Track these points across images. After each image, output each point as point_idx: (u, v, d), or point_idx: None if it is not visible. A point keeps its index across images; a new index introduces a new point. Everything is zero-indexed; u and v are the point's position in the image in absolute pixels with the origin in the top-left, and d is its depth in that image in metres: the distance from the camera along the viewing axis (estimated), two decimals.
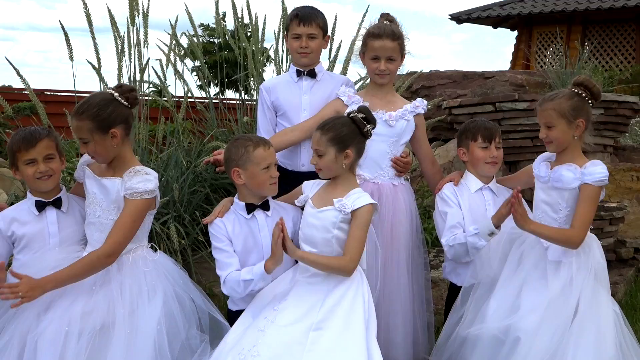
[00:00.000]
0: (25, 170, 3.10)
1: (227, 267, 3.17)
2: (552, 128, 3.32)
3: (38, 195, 3.16)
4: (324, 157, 3.14)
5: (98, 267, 2.96)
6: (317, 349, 2.89)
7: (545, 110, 3.34)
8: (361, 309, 3.03)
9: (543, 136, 3.37)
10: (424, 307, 3.72)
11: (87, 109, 3.02)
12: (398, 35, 3.61)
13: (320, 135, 3.14)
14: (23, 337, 2.85)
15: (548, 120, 3.33)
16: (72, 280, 2.92)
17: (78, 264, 2.94)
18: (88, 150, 3.07)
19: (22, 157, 3.09)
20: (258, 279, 3.07)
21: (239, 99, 5.57)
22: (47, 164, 3.11)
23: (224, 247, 3.21)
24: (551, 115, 3.31)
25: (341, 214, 3.09)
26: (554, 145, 3.36)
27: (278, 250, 2.99)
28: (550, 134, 3.33)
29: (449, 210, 3.63)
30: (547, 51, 16.18)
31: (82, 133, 3.02)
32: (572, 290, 3.22)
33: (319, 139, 3.14)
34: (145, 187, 3.02)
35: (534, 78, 7.45)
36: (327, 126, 3.15)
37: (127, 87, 3.15)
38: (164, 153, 4.62)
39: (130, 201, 3.01)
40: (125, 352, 2.87)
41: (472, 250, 3.47)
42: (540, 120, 3.38)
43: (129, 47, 4.54)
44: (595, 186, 3.26)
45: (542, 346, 3.13)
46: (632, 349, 3.31)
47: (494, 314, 3.28)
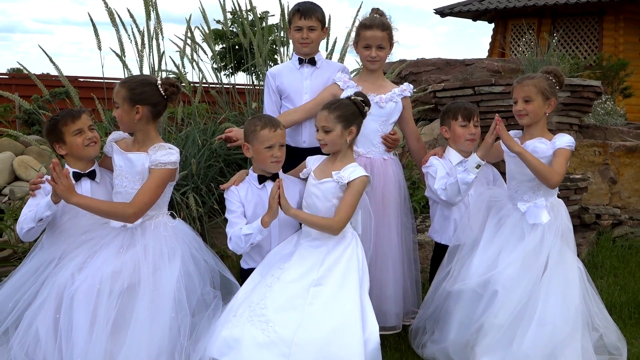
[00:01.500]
0: (74, 140, 3.10)
1: (234, 226, 3.18)
2: (530, 102, 3.36)
3: (76, 167, 3.15)
4: (331, 133, 3.15)
5: (120, 215, 2.96)
6: (317, 302, 2.92)
7: (526, 85, 3.37)
8: (356, 269, 3.05)
9: (520, 109, 3.38)
10: (411, 266, 3.73)
11: (129, 81, 3.08)
12: (387, 26, 3.60)
13: (328, 114, 3.15)
14: (60, 294, 2.84)
15: (528, 95, 3.36)
16: (95, 211, 2.93)
17: (107, 204, 2.99)
18: (116, 113, 3.07)
19: (70, 129, 3.09)
20: (256, 233, 3.08)
21: (248, 84, 5.53)
22: (92, 132, 3.14)
23: (235, 209, 3.22)
24: (531, 90, 3.35)
25: (339, 184, 3.11)
26: (529, 117, 3.38)
27: (274, 204, 3.00)
28: (527, 107, 3.36)
29: (437, 166, 3.63)
30: (520, 41, 16.04)
31: (117, 97, 3.03)
32: (542, 249, 3.26)
33: (327, 117, 3.15)
34: (168, 159, 3.02)
35: (508, 65, 7.43)
36: (334, 106, 3.18)
37: (172, 81, 3.13)
38: (183, 132, 4.61)
39: (154, 170, 3.00)
40: (150, 306, 2.87)
41: (462, 186, 3.43)
42: (518, 94, 3.39)
43: (149, 39, 4.50)
44: (567, 149, 3.33)
45: (516, 297, 3.18)
46: (593, 300, 3.37)
47: (476, 272, 3.31)
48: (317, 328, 2.84)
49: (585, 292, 3.27)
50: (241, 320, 2.90)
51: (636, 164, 6.28)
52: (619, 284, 4.73)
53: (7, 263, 4.13)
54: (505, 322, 3.16)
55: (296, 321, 2.86)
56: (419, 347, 3.49)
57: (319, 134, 3.18)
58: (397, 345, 3.57)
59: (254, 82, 5.49)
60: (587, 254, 5.31)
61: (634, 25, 15.22)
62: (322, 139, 3.18)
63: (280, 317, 2.88)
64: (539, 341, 3.10)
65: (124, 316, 2.83)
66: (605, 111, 8.73)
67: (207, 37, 5.29)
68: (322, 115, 3.17)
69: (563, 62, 7.58)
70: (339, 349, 2.80)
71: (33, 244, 3.23)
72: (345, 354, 2.80)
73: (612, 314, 3.60)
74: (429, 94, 6.27)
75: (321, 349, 2.80)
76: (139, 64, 4.46)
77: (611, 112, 8.75)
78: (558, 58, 7.76)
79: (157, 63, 4.54)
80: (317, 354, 2.79)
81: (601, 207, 5.96)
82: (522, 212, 3.35)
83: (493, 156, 3.70)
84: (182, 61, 4.98)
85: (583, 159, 6.16)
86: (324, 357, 2.79)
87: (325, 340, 2.81)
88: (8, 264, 4.08)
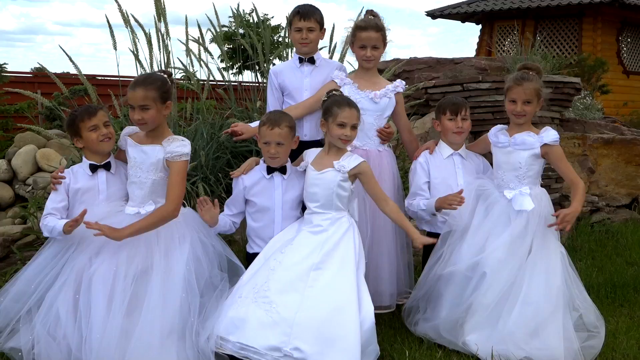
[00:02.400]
0: (89, 135, 3.07)
1: (225, 210, 3.32)
2: (529, 104, 3.35)
3: (92, 159, 3.13)
4: (357, 129, 3.22)
5: (167, 218, 2.96)
6: (317, 285, 2.92)
7: (527, 88, 3.34)
8: (353, 253, 3.05)
9: (520, 110, 3.36)
10: (404, 250, 3.71)
11: (153, 81, 2.99)
12: (381, 27, 3.57)
13: (357, 113, 3.20)
14: (78, 277, 2.82)
15: (529, 97, 3.35)
16: (146, 229, 2.90)
17: (149, 217, 2.94)
18: (145, 115, 2.95)
19: (86, 125, 3.06)
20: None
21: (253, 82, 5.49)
22: (108, 129, 3.10)
23: (234, 195, 3.32)
24: (532, 93, 3.34)
25: (340, 173, 3.12)
26: (526, 117, 3.40)
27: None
28: (526, 108, 3.36)
29: (414, 178, 3.68)
30: (505, 41, 16.08)
31: (146, 100, 2.94)
32: (527, 234, 3.27)
33: (358, 116, 3.21)
34: (183, 150, 3.00)
35: (494, 63, 7.37)
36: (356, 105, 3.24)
37: (167, 71, 3.13)
38: (192, 126, 4.57)
39: (174, 164, 2.98)
40: (161, 288, 2.85)
41: (419, 219, 3.67)
42: (519, 96, 3.35)
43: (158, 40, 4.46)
44: (556, 145, 3.35)
45: (503, 278, 3.18)
46: (574, 282, 3.37)
47: (465, 256, 3.31)
48: (317, 309, 2.84)
49: (566, 274, 3.27)
50: (246, 301, 2.90)
51: (613, 155, 6.27)
52: (596, 266, 4.71)
53: (31, 247, 4.11)
54: (492, 302, 3.17)
55: (297, 303, 2.86)
56: (411, 325, 3.48)
57: (349, 130, 3.15)
58: (392, 323, 3.56)
59: (259, 80, 5.45)
60: (567, 238, 5.29)
61: (610, 26, 15.18)
62: (350, 137, 3.18)
63: (282, 299, 2.87)
64: (523, 319, 3.10)
65: (138, 297, 2.81)
66: (584, 106, 8.68)
67: (217, 38, 5.26)
68: (354, 114, 3.18)
69: (545, 61, 7.53)
70: (337, 328, 2.81)
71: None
72: (343, 333, 2.80)
73: (590, 294, 3.59)
74: (421, 90, 6.22)
75: (320, 328, 2.80)
76: (149, 62, 4.42)
77: (590, 107, 8.71)
78: (540, 57, 7.72)
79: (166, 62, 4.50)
80: (317, 333, 2.79)
81: None
82: (508, 199, 3.35)
83: (481, 148, 3.72)
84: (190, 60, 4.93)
85: (564, 150, 6.05)
86: (323, 336, 2.78)
87: (324, 320, 2.82)
88: (32, 248, 4.06)
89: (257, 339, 2.77)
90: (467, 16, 16.78)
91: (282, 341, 2.76)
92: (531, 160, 3.36)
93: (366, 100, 3.53)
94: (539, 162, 3.40)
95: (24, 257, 3.79)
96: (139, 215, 3.01)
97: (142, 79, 3.03)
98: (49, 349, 2.74)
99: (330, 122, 3.17)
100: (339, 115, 3.14)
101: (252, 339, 2.78)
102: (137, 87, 2.96)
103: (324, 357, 2.74)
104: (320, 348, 2.75)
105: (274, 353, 2.75)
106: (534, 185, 3.38)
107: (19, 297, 2.92)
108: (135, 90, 2.95)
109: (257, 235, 3.31)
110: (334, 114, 3.15)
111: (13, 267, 3.73)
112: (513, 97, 3.36)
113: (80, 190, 3.10)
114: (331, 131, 3.17)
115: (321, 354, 2.74)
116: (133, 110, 2.98)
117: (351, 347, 2.77)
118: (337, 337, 2.78)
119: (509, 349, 3.07)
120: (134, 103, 2.96)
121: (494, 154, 3.52)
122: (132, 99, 2.96)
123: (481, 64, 7.25)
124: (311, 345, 2.75)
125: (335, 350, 2.75)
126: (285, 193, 3.25)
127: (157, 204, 3.03)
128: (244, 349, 2.78)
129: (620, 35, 15.50)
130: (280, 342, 2.76)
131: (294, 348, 2.74)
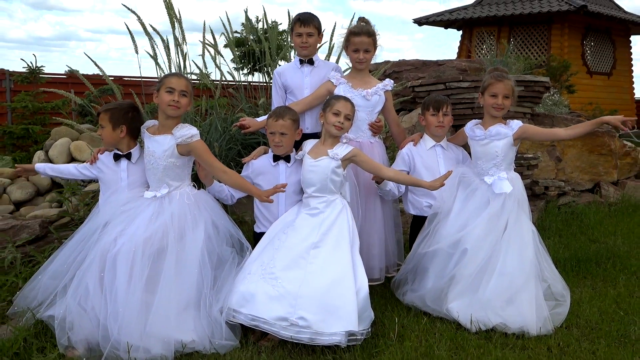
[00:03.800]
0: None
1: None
2: (508, 98, 3.34)
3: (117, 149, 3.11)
4: (351, 120, 3.22)
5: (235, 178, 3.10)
6: (316, 261, 2.91)
7: (507, 85, 3.34)
8: (347, 232, 3.05)
9: (500, 103, 3.35)
10: (393, 229, 3.69)
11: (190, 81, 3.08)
12: (372, 33, 3.53)
13: (352, 106, 3.22)
14: (103, 256, 2.80)
15: (508, 93, 3.34)
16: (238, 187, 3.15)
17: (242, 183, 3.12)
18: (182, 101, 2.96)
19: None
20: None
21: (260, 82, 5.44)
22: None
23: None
24: (510, 88, 3.34)
25: (334, 160, 3.11)
26: (504, 111, 3.39)
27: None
28: (505, 102, 3.35)
29: (395, 166, 3.62)
30: (483, 45, 15.99)
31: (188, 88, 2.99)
32: (503, 214, 3.26)
33: (352, 109, 3.22)
34: (191, 131, 2.98)
35: (473, 65, 7.34)
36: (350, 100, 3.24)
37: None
38: (207, 121, 4.53)
39: (192, 147, 2.97)
40: (176, 265, 2.84)
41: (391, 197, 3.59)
42: (500, 90, 3.34)
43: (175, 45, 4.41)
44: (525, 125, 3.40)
45: (482, 253, 3.17)
46: (543, 256, 3.37)
47: (448, 235, 3.30)
48: (317, 283, 2.83)
49: (537, 250, 3.25)
50: (255, 277, 2.89)
51: (577, 146, 6.23)
52: (563, 243, 4.69)
53: (66, 228, 4.09)
54: (472, 274, 3.16)
55: (300, 278, 2.85)
56: (400, 295, 3.46)
57: (344, 122, 3.16)
58: (383, 294, 3.54)
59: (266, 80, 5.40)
60: (538, 218, 5.27)
61: (576, 31, 15.11)
62: (344, 124, 3.17)
63: (287, 275, 2.87)
64: (499, 289, 3.10)
65: (156, 274, 2.79)
66: (552, 102, 8.62)
67: (230, 43, 5.22)
68: (348, 106, 3.19)
69: (518, 62, 7.47)
70: (336, 299, 2.80)
71: (88, 214, 3.20)
72: (341, 303, 2.80)
73: (558, 267, 3.57)
74: (408, 88, 6.17)
75: (321, 300, 2.79)
76: (168, 65, 4.38)
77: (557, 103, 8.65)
78: (514, 59, 7.66)
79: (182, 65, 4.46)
80: (318, 304, 2.78)
81: (549, 180, 5.91)
82: (488, 184, 3.33)
83: (460, 140, 3.71)
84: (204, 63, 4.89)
85: (534, 142, 6.08)
86: (324, 306, 2.78)
87: (324, 292, 2.81)
88: (67, 229, 4.04)
89: (266, 311, 2.77)
90: (449, 23, 16.70)
91: (288, 312, 2.75)
92: (507, 148, 3.35)
93: (359, 98, 3.50)
94: (512, 150, 3.40)
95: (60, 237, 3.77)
96: (156, 199, 2.98)
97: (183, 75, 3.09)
98: (80, 319, 2.73)
99: (327, 111, 3.19)
100: (335, 105, 3.18)
101: (262, 310, 2.77)
102: (182, 77, 3.01)
103: (326, 323, 2.73)
104: (322, 316, 2.74)
105: (282, 322, 2.74)
106: (509, 170, 3.39)
107: (56, 275, 2.92)
108: (180, 79, 2.99)
109: (263, 217, 3.30)
110: (330, 105, 3.20)
111: (51, 245, 3.72)
112: (494, 91, 3.33)
113: (105, 176, 3.09)
114: (327, 119, 3.18)
115: (323, 321, 2.73)
116: (171, 93, 2.94)
117: (349, 314, 2.76)
118: (337, 306, 2.77)
119: (487, 315, 3.06)
120: (177, 87, 2.95)
121: (472, 147, 3.49)
122: (177, 84, 2.95)
123: (462, 66, 7.22)
124: (314, 314, 2.74)
125: (335, 317, 2.75)
126: (288, 179, 3.22)
127: (170, 187, 3.00)
128: (255, 320, 2.78)
129: (584, 40, 15.44)
130: (287, 312, 2.75)
131: (299, 317, 2.73)
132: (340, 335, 2.71)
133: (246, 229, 3.70)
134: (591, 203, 5.94)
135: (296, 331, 2.72)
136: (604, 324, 3.14)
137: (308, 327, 2.72)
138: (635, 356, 2.78)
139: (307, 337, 2.71)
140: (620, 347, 2.88)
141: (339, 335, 2.71)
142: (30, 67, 7.07)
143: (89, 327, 2.73)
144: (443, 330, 3.04)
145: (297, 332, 2.72)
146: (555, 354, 2.81)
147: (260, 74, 5.54)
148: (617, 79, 16.58)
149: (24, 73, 7.12)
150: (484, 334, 3.01)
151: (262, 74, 5.48)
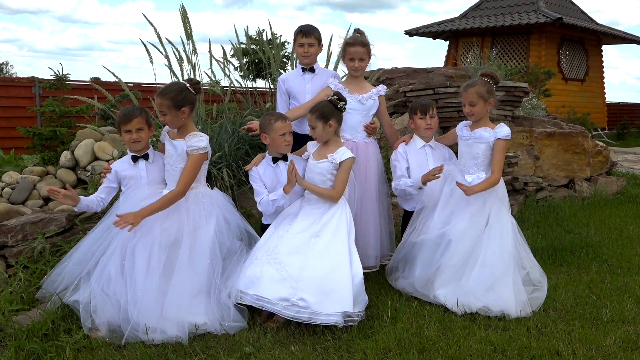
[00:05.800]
0: (124, 136, 3.01)
1: (260, 195, 3.18)
2: (474, 105, 3.26)
3: (133, 151, 3.08)
4: (315, 129, 3.10)
5: (174, 200, 2.87)
6: (317, 248, 2.91)
7: (469, 93, 3.28)
8: (345, 223, 3.04)
9: (467, 111, 3.32)
10: (385, 221, 3.68)
11: (168, 92, 2.88)
12: (366, 43, 3.51)
13: (310, 115, 3.10)
14: (124, 246, 2.80)
15: (472, 100, 3.27)
16: (159, 210, 2.82)
17: (162, 200, 2.85)
18: (164, 119, 2.93)
19: (122, 128, 2.99)
20: (280, 198, 3.09)
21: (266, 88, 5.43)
22: (138, 134, 2.98)
23: (257, 183, 3.21)
24: (473, 96, 3.26)
25: (332, 164, 3.08)
26: (475, 116, 3.33)
27: (292, 178, 3.00)
28: (473, 109, 3.29)
29: (397, 165, 3.60)
30: (468, 54, 15.96)
31: (162, 108, 2.89)
32: (485, 208, 3.23)
33: (310, 118, 3.10)
34: (199, 145, 2.92)
35: (459, 72, 7.32)
36: (314, 109, 3.12)
37: (195, 80, 3.01)
38: (217, 123, 4.53)
39: (191, 156, 2.91)
40: (189, 255, 2.83)
41: (407, 194, 3.52)
42: (465, 100, 3.30)
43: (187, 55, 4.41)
44: (503, 140, 3.25)
45: (466, 245, 3.15)
46: (522, 246, 3.35)
47: (434, 227, 3.28)
48: (317, 268, 2.83)
49: (516, 240, 3.24)
50: (261, 262, 2.89)
51: (553, 145, 6.21)
52: (540, 233, 4.68)
53: (90, 221, 4.07)
54: (456, 263, 3.14)
55: (301, 263, 2.85)
56: (392, 281, 3.46)
57: (310, 131, 3.12)
58: (377, 280, 3.54)
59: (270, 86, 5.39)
60: (517, 211, 5.26)
61: (552, 41, 15.08)
62: (313, 134, 3.13)
63: (289, 260, 2.86)
64: (482, 277, 3.08)
65: (172, 263, 2.79)
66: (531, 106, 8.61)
67: (237, 53, 5.21)
68: (308, 117, 3.13)
69: (500, 69, 7.46)
70: (333, 283, 2.80)
71: (109, 208, 3.19)
72: (338, 287, 2.79)
73: (536, 256, 3.56)
74: (400, 93, 6.17)
75: (320, 283, 2.79)
76: (181, 74, 4.37)
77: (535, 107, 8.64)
78: (496, 66, 7.65)
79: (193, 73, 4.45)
80: (317, 287, 2.78)
81: (528, 177, 5.89)
82: (468, 182, 3.30)
83: (450, 140, 3.68)
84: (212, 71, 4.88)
85: (514, 141, 6.06)
86: (322, 289, 2.78)
87: (323, 277, 2.80)
88: (91, 221, 4.03)
89: (270, 292, 2.77)
90: (437, 34, 16.65)
91: (290, 293, 2.76)
92: (487, 152, 3.31)
93: (355, 102, 3.49)
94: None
95: (85, 229, 3.76)
96: None
97: (160, 90, 2.92)
98: (103, 303, 2.73)
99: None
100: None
101: (266, 291, 2.78)
102: (156, 96, 2.92)
103: (323, 305, 2.73)
104: (320, 299, 2.74)
105: (284, 302, 2.75)
106: (489, 171, 3.33)
107: (80, 261, 2.91)
108: (156, 99, 2.92)
109: None
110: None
111: (76, 236, 3.72)
112: (462, 100, 3.33)
113: (126, 177, 3.06)
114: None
115: (321, 303, 2.73)
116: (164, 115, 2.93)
117: (345, 297, 2.76)
118: (333, 289, 2.77)
119: (470, 301, 3.05)
120: (156, 108, 2.94)
121: (459, 145, 3.47)
122: (156, 105, 2.94)
123: (449, 73, 7.21)
124: (313, 296, 2.74)
125: (331, 299, 2.75)
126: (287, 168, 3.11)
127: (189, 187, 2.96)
128: (260, 300, 2.79)
129: (560, 49, 15.42)
130: (289, 294, 2.76)
131: (300, 298, 2.74)
132: (336, 316, 2.71)
133: (253, 222, 3.70)
134: (566, 197, 5.93)
135: (296, 311, 2.73)
136: (578, 307, 3.13)
137: (307, 307, 2.72)
138: (607, 336, 2.77)
139: (306, 316, 2.72)
140: (593, 328, 2.88)
141: (335, 315, 2.71)
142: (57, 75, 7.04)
143: (111, 311, 2.72)
144: (432, 313, 3.04)
145: (297, 312, 2.73)
146: (534, 334, 2.80)
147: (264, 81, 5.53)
148: (590, 85, 16.57)
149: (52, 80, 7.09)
150: (469, 317, 3.00)
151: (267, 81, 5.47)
